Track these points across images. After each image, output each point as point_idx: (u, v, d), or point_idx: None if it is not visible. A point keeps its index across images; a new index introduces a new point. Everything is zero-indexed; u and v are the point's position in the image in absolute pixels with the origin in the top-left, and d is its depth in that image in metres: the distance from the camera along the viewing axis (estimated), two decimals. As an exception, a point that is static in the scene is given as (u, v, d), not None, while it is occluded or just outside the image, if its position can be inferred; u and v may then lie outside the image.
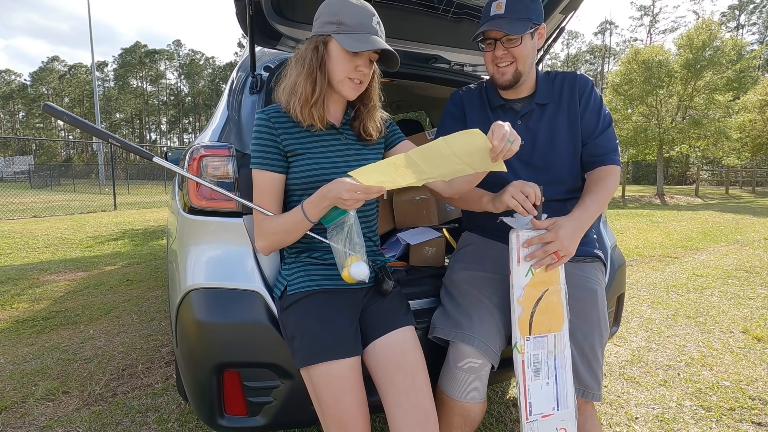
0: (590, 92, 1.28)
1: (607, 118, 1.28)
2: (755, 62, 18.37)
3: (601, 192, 1.21)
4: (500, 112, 1.32)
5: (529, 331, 1.11)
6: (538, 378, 1.11)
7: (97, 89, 25.66)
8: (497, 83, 1.26)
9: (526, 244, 1.11)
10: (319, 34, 1.07)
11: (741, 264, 4.56)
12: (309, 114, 1.08)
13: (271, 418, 1.16)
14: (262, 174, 1.09)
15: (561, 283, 1.14)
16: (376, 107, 1.19)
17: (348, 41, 1.02)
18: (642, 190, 20.01)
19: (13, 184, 22.42)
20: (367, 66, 1.09)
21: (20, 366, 2.23)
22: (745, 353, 2.38)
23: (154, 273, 4.24)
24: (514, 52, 1.19)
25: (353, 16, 1.03)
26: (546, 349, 1.12)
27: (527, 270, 1.11)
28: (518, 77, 1.23)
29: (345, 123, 1.19)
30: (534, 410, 1.10)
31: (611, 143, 1.27)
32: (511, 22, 1.15)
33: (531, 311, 1.11)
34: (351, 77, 1.07)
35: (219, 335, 1.12)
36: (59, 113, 1.01)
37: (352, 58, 1.05)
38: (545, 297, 1.12)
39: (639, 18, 53.32)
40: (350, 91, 1.10)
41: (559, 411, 1.12)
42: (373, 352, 1.10)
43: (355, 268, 0.99)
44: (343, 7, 1.03)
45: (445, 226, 1.97)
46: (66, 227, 7.46)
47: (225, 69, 62.30)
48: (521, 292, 1.11)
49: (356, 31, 1.03)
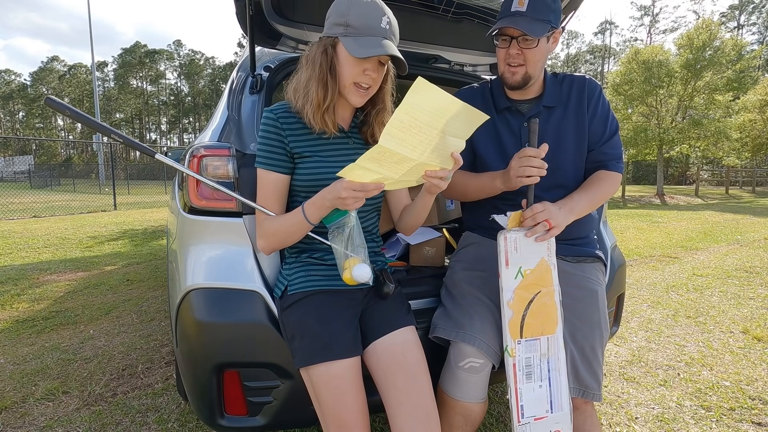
0: (599, 98, 1.28)
1: (613, 125, 1.28)
2: (755, 62, 18.36)
3: (594, 191, 1.21)
4: (507, 115, 1.30)
5: (520, 335, 1.10)
6: (530, 381, 1.10)
7: (97, 89, 25.65)
8: (506, 82, 1.24)
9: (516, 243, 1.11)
10: (328, 35, 1.04)
11: (741, 264, 4.56)
12: (322, 120, 1.06)
13: (271, 418, 1.16)
14: (267, 174, 1.08)
15: (554, 284, 1.13)
16: (386, 110, 1.16)
17: (353, 45, 0.98)
18: (642, 190, 20.01)
19: (13, 184, 22.42)
20: (376, 70, 1.04)
21: (20, 366, 2.23)
22: (745, 353, 2.38)
23: (154, 273, 4.24)
24: (528, 54, 1.17)
25: (360, 17, 0.98)
26: (539, 352, 1.11)
27: (516, 272, 1.10)
28: (528, 80, 1.22)
29: (353, 126, 1.17)
30: (526, 413, 1.09)
31: (616, 151, 1.28)
32: (532, 22, 1.13)
33: (522, 314, 1.10)
34: (358, 82, 1.04)
35: (219, 335, 1.12)
36: (61, 107, 1.01)
37: (360, 62, 1.01)
38: (537, 299, 1.10)
39: (639, 18, 53.29)
40: (356, 98, 1.06)
41: (553, 414, 1.11)
42: (374, 353, 1.10)
43: (357, 270, 0.98)
44: (352, 6, 0.99)
45: (445, 226, 1.97)
46: (66, 227, 7.46)
47: (225, 69, 62.30)
48: (511, 294, 1.10)
49: (363, 34, 0.98)
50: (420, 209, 1.16)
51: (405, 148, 0.85)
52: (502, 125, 1.30)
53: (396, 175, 0.92)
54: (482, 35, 1.84)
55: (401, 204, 1.28)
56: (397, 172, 0.91)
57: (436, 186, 1.00)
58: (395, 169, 0.90)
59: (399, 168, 0.90)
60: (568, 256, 1.30)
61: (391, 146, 0.83)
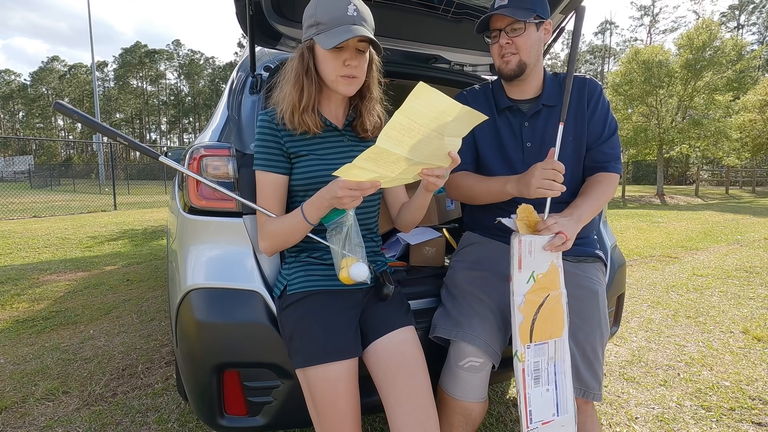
0: (599, 97, 1.29)
1: (612, 125, 1.29)
2: (755, 62, 18.35)
3: (597, 196, 1.22)
4: (508, 114, 1.31)
5: (530, 339, 1.09)
6: (539, 385, 1.09)
7: (97, 89, 25.66)
8: (503, 73, 1.26)
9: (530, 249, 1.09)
10: (305, 39, 1.06)
11: (741, 264, 4.56)
12: (299, 121, 1.07)
13: (271, 418, 1.16)
14: (265, 175, 1.09)
15: (561, 287, 1.12)
16: (374, 99, 1.17)
17: (324, 40, 0.99)
18: (642, 190, 20.01)
19: (13, 184, 22.40)
20: (355, 58, 1.04)
21: (20, 366, 2.23)
22: (745, 353, 2.38)
23: (154, 273, 4.24)
24: (518, 41, 1.19)
25: (327, 12, 1.00)
26: (546, 355, 1.10)
27: (529, 276, 1.08)
28: (523, 67, 1.22)
29: (347, 124, 1.18)
30: (534, 418, 1.09)
31: (615, 151, 1.28)
32: (514, 10, 1.16)
33: (532, 318, 1.09)
34: (342, 74, 1.05)
35: (219, 335, 1.12)
36: (70, 111, 1.02)
37: (337, 54, 1.03)
38: (546, 303, 1.09)
39: (639, 18, 53.31)
40: (346, 88, 1.07)
41: (558, 417, 1.11)
42: (374, 353, 1.10)
43: (355, 269, 0.98)
44: (318, 5, 1.01)
45: (445, 226, 1.97)
46: (66, 227, 7.46)
47: (225, 69, 62.31)
48: (522, 299, 1.08)
49: (332, 27, 1.00)
50: (418, 206, 1.16)
51: (402, 148, 0.86)
52: (503, 125, 1.31)
53: (392, 174, 0.93)
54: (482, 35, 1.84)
55: (399, 201, 1.28)
56: (393, 171, 0.92)
57: (433, 184, 1.00)
58: (392, 169, 0.91)
59: (395, 167, 0.91)
60: (569, 256, 1.31)
61: (388, 146, 0.84)
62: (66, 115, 1.02)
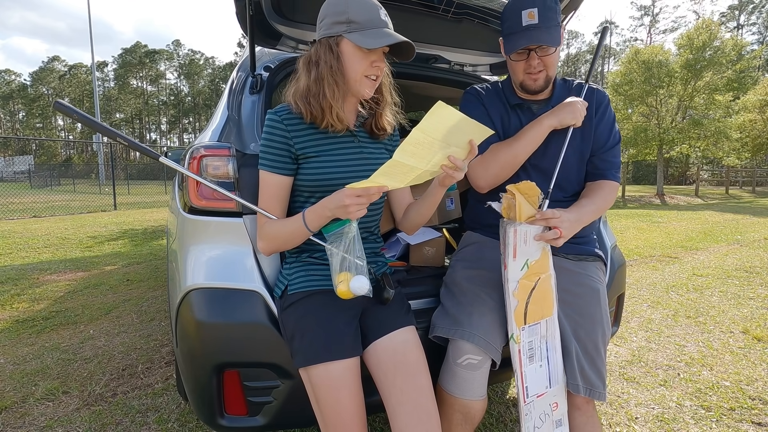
0: (606, 106, 1.32)
1: (617, 135, 1.32)
2: (755, 62, 18.38)
3: (599, 202, 1.24)
4: (518, 111, 1.33)
5: (524, 321, 1.14)
6: (533, 362, 1.15)
7: (97, 89, 25.65)
8: (529, 89, 1.27)
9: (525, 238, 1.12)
10: (329, 35, 1.04)
11: (741, 264, 4.56)
12: (335, 117, 1.06)
13: (271, 418, 1.16)
14: (270, 176, 1.08)
15: (550, 269, 1.17)
16: (388, 103, 1.18)
17: (363, 39, 1.00)
18: (642, 190, 20.01)
19: (13, 184, 22.38)
20: (382, 60, 1.07)
21: (20, 366, 2.23)
22: (745, 353, 2.38)
23: (154, 273, 4.24)
24: (546, 60, 1.21)
25: (362, 13, 1.00)
26: (539, 334, 1.16)
27: (523, 264, 1.13)
28: (549, 81, 1.26)
29: (358, 126, 1.18)
30: (530, 392, 1.15)
31: (616, 160, 1.31)
32: (549, 33, 1.15)
33: (525, 302, 1.14)
34: (368, 74, 1.05)
35: (219, 335, 1.12)
36: (69, 111, 1.02)
37: (367, 54, 1.03)
38: (538, 285, 1.15)
39: (639, 18, 53.30)
40: (368, 90, 1.07)
41: (551, 388, 1.17)
42: (374, 353, 1.10)
43: (355, 282, 0.97)
44: (349, 4, 1.01)
45: (445, 226, 1.96)
46: (66, 227, 7.46)
47: (225, 69, 62.30)
48: (516, 285, 1.13)
49: (368, 27, 1.01)
50: (429, 205, 1.16)
51: (416, 160, 0.91)
52: (514, 120, 1.33)
53: (402, 184, 0.96)
54: (482, 35, 1.84)
55: (404, 203, 1.28)
56: (404, 181, 0.95)
57: (451, 177, 1.00)
58: (403, 179, 0.95)
59: (407, 177, 0.95)
60: (570, 254, 1.31)
61: (403, 160, 0.88)
62: (66, 114, 1.02)
